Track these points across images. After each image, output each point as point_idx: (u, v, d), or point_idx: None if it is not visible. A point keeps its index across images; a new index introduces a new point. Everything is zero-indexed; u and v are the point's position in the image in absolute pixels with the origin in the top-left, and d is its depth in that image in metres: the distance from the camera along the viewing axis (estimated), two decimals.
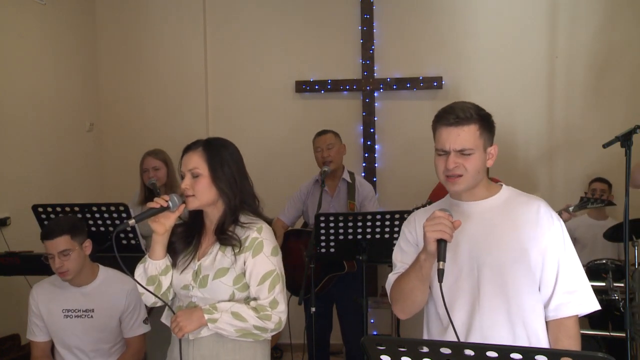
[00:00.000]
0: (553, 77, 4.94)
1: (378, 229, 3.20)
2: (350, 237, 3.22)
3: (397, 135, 5.13)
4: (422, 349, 1.27)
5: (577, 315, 1.86)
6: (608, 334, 4.00)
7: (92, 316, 2.80)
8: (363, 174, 5.11)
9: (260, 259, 2.12)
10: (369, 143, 5.13)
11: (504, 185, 1.98)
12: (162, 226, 2.09)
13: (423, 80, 5.02)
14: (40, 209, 3.25)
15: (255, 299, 2.13)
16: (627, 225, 2.90)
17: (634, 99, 4.80)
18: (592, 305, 1.85)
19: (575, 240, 4.48)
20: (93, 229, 3.26)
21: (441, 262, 1.72)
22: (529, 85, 4.94)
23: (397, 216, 3.19)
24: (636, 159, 3.02)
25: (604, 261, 3.92)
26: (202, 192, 2.11)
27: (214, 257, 2.13)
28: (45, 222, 3.26)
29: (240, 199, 2.18)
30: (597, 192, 4.32)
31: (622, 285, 3.58)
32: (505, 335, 1.82)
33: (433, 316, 1.98)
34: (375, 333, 5.02)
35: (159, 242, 2.13)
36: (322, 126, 4.14)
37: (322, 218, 3.19)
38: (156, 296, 2.12)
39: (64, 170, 4.79)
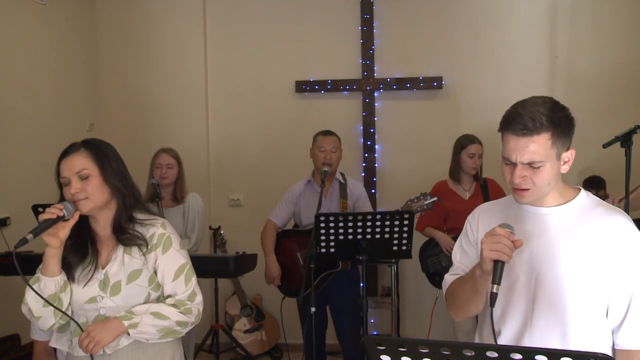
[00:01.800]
0: (553, 77, 4.94)
1: (378, 229, 3.19)
2: (350, 237, 3.21)
3: (397, 135, 5.13)
4: (422, 348, 1.27)
5: None
6: None
7: None
8: (363, 174, 5.11)
9: (170, 254, 2.05)
10: (369, 143, 5.13)
11: (582, 191, 1.77)
12: (57, 239, 1.93)
13: (423, 80, 5.02)
14: (41, 209, 3.25)
15: (170, 295, 2.05)
16: None
17: (634, 99, 4.80)
18: None
19: None
20: None
21: (495, 286, 1.58)
22: (529, 85, 4.93)
23: (397, 216, 3.19)
24: (636, 159, 3.02)
25: None
26: (95, 193, 1.98)
27: (120, 261, 2.02)
28: None
29: (133, 195, 2.07)
30: (591, 192, 4.32)
31: None
32: None
33: (487, 320, 1.80)
34: (375, 333, 5.02)
35: (54, 256, 1.95)
36: (322, 126, 4.13)
37: (322, 218, 3.19)
38: (64, 313, 1.97)
39: None
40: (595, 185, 4.47)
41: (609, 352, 1.69)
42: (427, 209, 3.51)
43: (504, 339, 1.72)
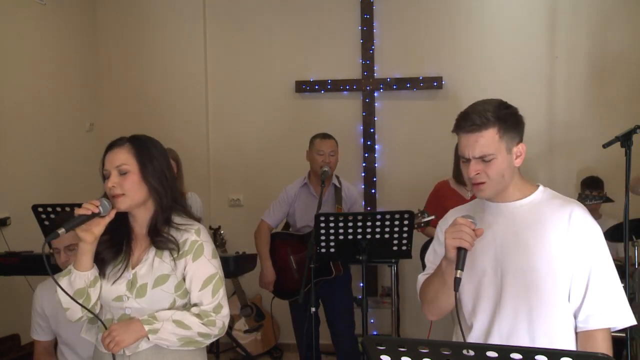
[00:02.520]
0: (553, 77, 4.94)
1: (378, 229, 3.19)
2: (350, 237, 3.21)
3: (397, 135, 5.13)
4: (422, 348, 1.27)
5: (608, 329, 1.76)
6: None
7: None
8: (363, 174, 5.11)
9: (201, 262, 2.00)
10: (369, 143, 5.13)
11: (540, 187, 1.89)
12: (91, 234, 1.92)
13: (423, 80, 5.02)
14: (40, 209, 3.26)
15: (196, 304, 2.00)
16: (627, 225, 2.90)
17: (634, 99, 4.80)
18: (627, 319, 1.75)
19: None
20: None
21: (459, 271, 1.67)
22: (529, 85, 4.94)
23: (397, 216, 3.18)
24: (636, 159, 3.02)
25: None
26: (132, 190, 1.96)
27: (150, 264, 2.00)
28: (45, 222, 3.27)
29: (171, 196, 2.04)
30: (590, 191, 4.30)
31: (622, 285, 3.58)
32: (526, 343, 1.75)
33: (461, 316, 1.92)
34: (375, 333, 5.02)
35: (87, 252, 1.95)
36: (322, 126, 4.13)
37: (322, 218, 3.19)
38: (89, 311, 1.97)
39: (64, 170, 4.79)
40: (593, 185, 4.44)
41: (572, 336, 1.78)
42: (424, 226, 3.55)
43: (476, 331, 1.81)
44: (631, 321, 1.75)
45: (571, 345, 1.77)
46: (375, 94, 5.14)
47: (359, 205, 3.96)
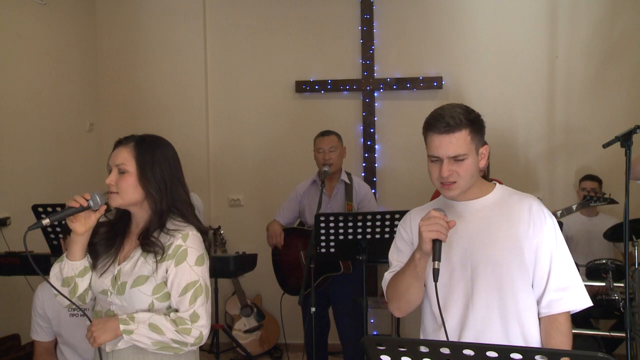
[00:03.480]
0: (553, 77, 4.94)
1: (378, 229, 3.20)
2: (350, 237, 3.22)
3: (397, 135, 5.12)
4: (422, 349, 1.27)
5: (569, 312, 1.88)
6: (608, 334, 4.01)
7: None
8: (363, 174, 5.11)
9: (182, 268, 1.96)
10: (369, 143, 5.13)
11: (497, 185, 1.99)
12: (82, 226, 1.96)
13: (423, 80, 5.02)
14: (40, 209, 3.25)
15: (175, 310, 1.99)
16: (627, 225, 2.90)
17: (634, 99, 4.79)
18: (584, 301, 1.88)
19: (569, 239, 4.50)
20: None
21: (436, 262, 1.75)
22: (529, 85, 4.94)
23: (397, 216, 3.19)
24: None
25: (604, 261, 3.92)
26: (126, 191, 1.97)
27: (134, 262, 1.99)
28: None
29: (168, 203, 2.01)
30: (589, 190, 4.30)
31: (622, 285, 3.58)
32: (499, 332, 1.84)
33: (428, 314, 2.01)
34: (375, 333, 5.02)
35: (78, 242, 1.99)
36: (322, 126, 4.13)
37: (322, 218, 3.19)
38: (69, 300, 2.00)
39: (64, 170, 4.79)
40: (592, 179, 4.46)
41: (537, 322, 1.88)
42: None
43: (451, 325, 1.87)
44: (588, 303, 1.87)
45: (537, 330, 1.87)
46: (375, 94, 5.13)
47: (369, 201, 3.93)
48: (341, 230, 3.20)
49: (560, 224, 3.65)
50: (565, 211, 3.89)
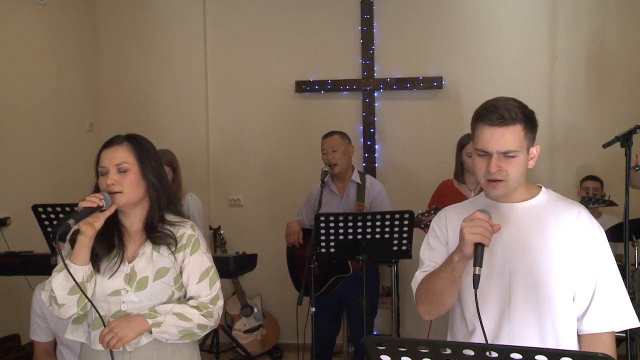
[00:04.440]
0: (553, 77, 4.94)
1: (378, 229, 3.19)
2: (350, 237, 3.22)
3: (397, 135, 5.12)
4: (422, 348, 1.26)
5: (613, 332, 1.75)
6: None
7: None
8: None
9: (198, 256, 2.06)
10: (369, 143, 5.12)
11: (543, 188, 1.87)
12: (92, 228, 1.93)
13: (423, 80, 5.02)
14: (40, 209, 3.25)
15: (192, 297, 2.05)
16: (627, 225, 2.90)
17: (634, 99, 4.79)
18: (631, 322, 1.75)
19: None
20: None
21: (477, 268, 1.62)
22: (529, 85, 4.93)
23: (397, 216, 3.18)
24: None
25: None
26: (131, 188, 1.99)
27: (149, 257, 2.02)
28: (45, 222, 3.26)
29: (167, 195, 2.08)
30: (590, 190, 4.30)
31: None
32: (536, 345, 1.67)
33: (458, 319, 1.89)
34: (375, 333, 5.02)
35: (86, 246, 1.95)
36: (322, 126, 4.14)
37: (322, 218, 3.19)
38: (93, 305, 1.96)
39: (64, 170, 4.79)
40: (593, 178, 4.46)
41: (575, 338, 1.76)
42: None
43: (480, 335, 1.72)
44: (635, 323, 1.75)
45: (574, 347, 1.76)
46: (375, 94, 5.13)
47: (381, 201, 3.92)
48: (341, 230, 3.20)
49: None
50: None
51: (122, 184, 1.98)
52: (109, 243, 2.05)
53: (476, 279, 1.62)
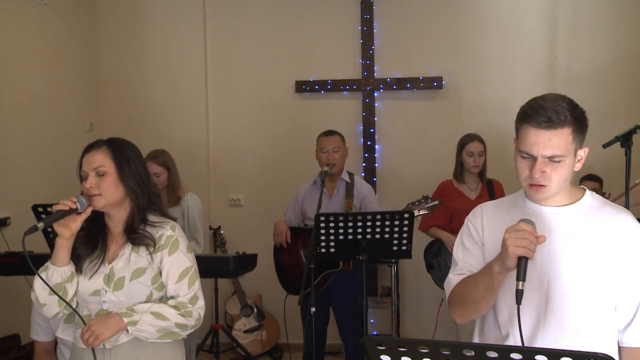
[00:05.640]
0: (553, 76, 4.94)
1: (378, 229, 3.19)
2: (350, 237, 3.21)
3: (397, 135, 5.12)
4: (422, 348, 1.27)
5: None
6: None
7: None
8: (363, 174, 5.11)
9: (177, 256, 2.09)
10: (369, 143, 5.12)
11: (587, 191, 1.77)
12: (68, 230, 2.00)
13: (423, 80, 5.02)
14: (40, 209, 3.25)
15: (172, 297, 2.08)
16: None
17: (634, 99, 4.79)
18: None
19: None
20: None
21: (521, 283, 1.54)
22: (529, 85, 4.92)
23: (397, 216, 3.18)
24: (636, 159, 3.02)
25: None
26: (109, 191, 2.05)
27: (127, 258, 2.07)
28: None
29: (147, 197, 2.13)
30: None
31: None
32: None
33: (491, 322, 1.80)
34: (375, 333, 5.02)
35: (64, 247, 2.02)
36: (322, 126, 4.13)
37: (322, 218, 3.19)
38: (68, 304, 2.03)
39: (64, 170, 4.78)
40: (593, 178, 4.44)
41: (616, 350, 1.69)
42: (428, 212, 3.51)
43: (516, 340, 1.67)
44: None
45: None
46: (375, 94, 5.13)
47: (369, 200, 3.92)
48: (341, 230, 3.20)
49: None
50: None
51: (100, 187, 2.04)
52: (93, 244, 2.11)
53: (519, 295, 1.54)
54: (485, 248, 1.77)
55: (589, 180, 4.49)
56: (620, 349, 1.69)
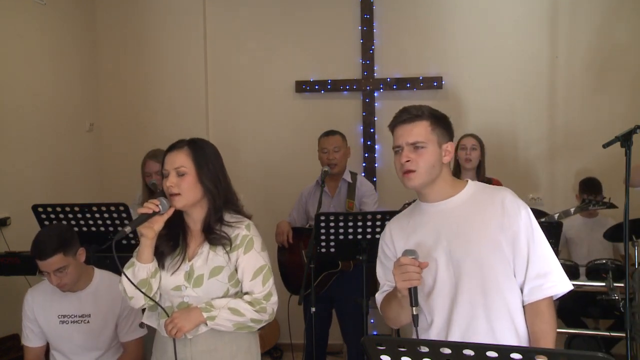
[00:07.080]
0: (553, 77, 4.94)
1: (378, 229, 3.19)
2: (350, 237, 3.22)
3: None
4: (422, 349, 1.27)
5: (551, 298, 1.90)
6: (608, 334, 4.01)
7: (88, 321, 2.77)
8: (363, 174, 5.11)
9: (251, 255, 2.19)
10: (369, 143, 5.13)
11: (469, 182, 2.03)
12: (151, 231, 2.12)
13: (423, 80, 5.02)
14: (40, 209, 3.25)
15: (247, 293, 2.20)
16: (627, 225, 2.90)
17: (634, 98, 4.80)
18: (565, 286, 1.90)
19: (569, 239, 4.48)
20: (93, 229, 3.26)
21: (414, 308, 1.83)
22: (529, 85, 4.94)
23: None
24: (636, 159, 3.02)
25: (604, 261, 3.92)
26: (188, 190, 2.15)
27: (205, 257, 2.18)
28: (45, 223, 3.26)
29: (224, 197, 2.23)
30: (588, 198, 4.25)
31: (622, 285, 3.58)
32: (484, 328, 1.87)
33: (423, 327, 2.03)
34: (375, 333, 5.02)
35: (148, 246, 2.14)
36: (322, 126, 4.13)
37: (322, 218, 3.19)
38: (152, 300, 2.17)
39: (64, 170, 4.79)
40: (592, 190, 4.38)
41: (521, 313, 1.90)
42: None
43: (437, 325, 1.92)
44: (568, 287, 1.90)
45: (522, 320, 1.90)
46: (375, 94, 5.13)
47: (368, 197, 3.93)
48: (341, 230, 3.20)
49: (560, 225, 3.65)
50: (563, 214, 3.88)
51: (180, 186, 2.14)
52: (174, 242, 2.22)
53: (415, 319, 1.84)
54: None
55: (587, 192, 4.38)
56: (524, 308, 1.91)
